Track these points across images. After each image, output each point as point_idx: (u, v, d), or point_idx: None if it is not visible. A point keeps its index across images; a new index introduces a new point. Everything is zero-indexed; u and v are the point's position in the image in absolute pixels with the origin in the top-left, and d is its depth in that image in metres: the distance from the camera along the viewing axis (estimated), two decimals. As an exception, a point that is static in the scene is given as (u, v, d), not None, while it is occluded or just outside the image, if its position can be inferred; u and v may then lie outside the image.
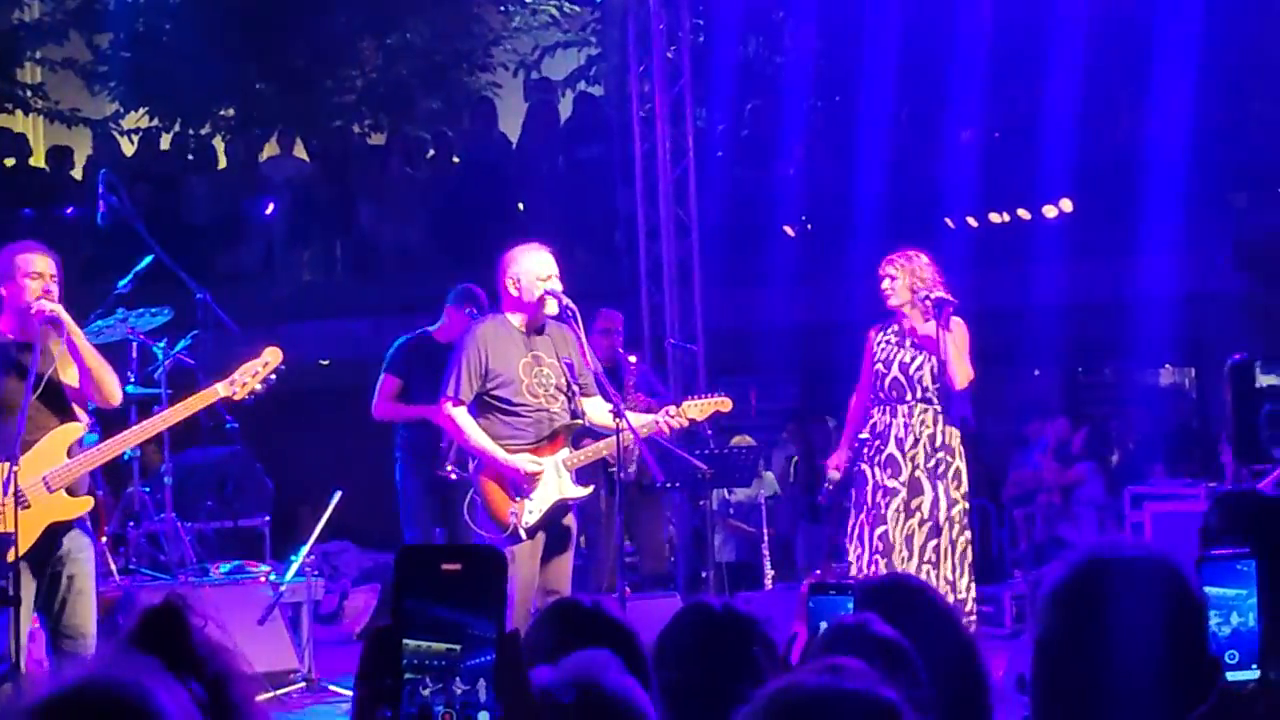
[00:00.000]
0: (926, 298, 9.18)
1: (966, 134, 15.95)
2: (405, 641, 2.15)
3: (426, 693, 2.14)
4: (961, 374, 9.25)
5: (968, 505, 9.40)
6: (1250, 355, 11.03)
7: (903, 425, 9.29)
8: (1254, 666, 2.89)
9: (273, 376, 7.59)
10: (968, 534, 9.35)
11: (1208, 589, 2.86)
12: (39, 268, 7.08)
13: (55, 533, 7.04)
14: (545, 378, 8.19)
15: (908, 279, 9.31)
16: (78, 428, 7.17)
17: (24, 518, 6.85)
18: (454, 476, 10.35)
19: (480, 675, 2.14)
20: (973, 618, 9.23)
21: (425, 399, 10.13)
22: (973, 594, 9.32)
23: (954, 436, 9.33)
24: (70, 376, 7.11)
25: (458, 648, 2.14)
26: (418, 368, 10.60)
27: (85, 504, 7.13)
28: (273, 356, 7.57)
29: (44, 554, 7.02)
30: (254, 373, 7.53)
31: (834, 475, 9.66)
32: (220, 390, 7.50)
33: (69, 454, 7.11)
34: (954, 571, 9.19)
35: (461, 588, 2.16)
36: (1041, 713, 2.85)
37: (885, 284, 9.35)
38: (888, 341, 9.42)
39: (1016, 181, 15.59)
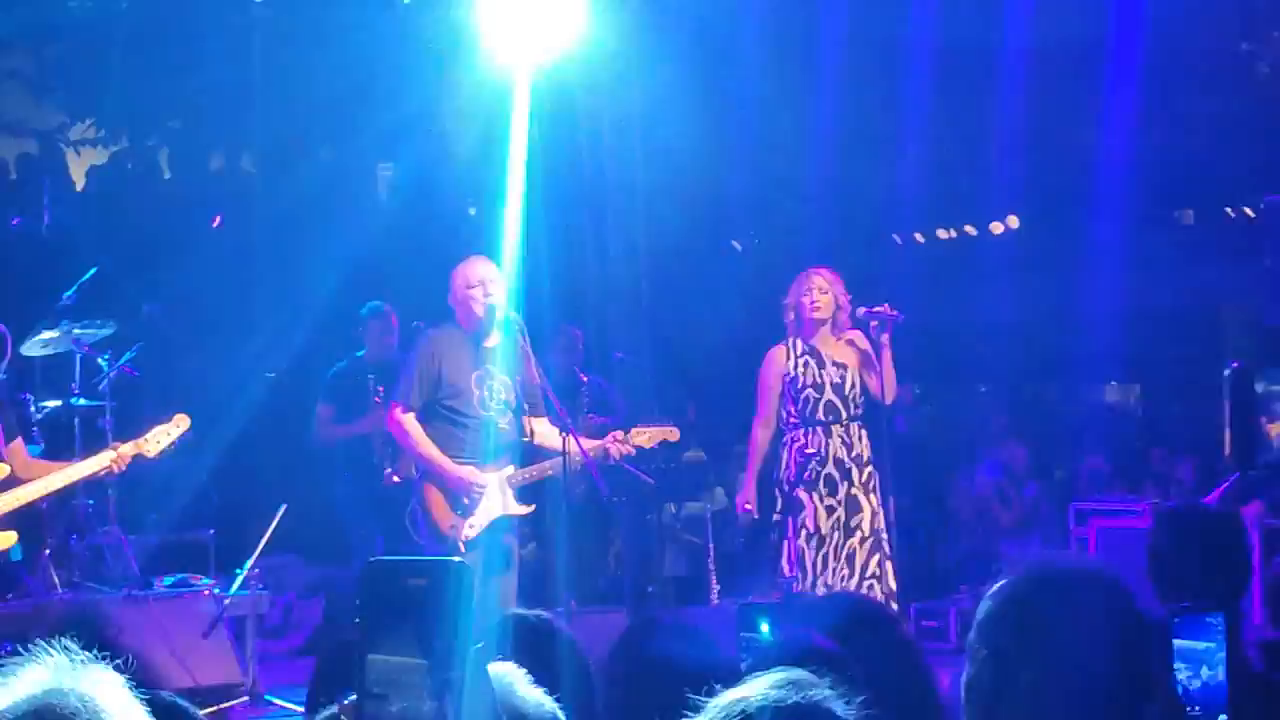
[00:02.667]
0: (869, 311, 9.14)
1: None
2: (371, 657, 2.11)
3: (394, 709, 2.10)
4: (893, 389, 9.27)
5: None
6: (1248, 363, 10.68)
7: (840, 445, 9.19)
8: (1221, 718, 2.91)
9: (178, 441, 7.80)
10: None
11: (1178, 643, 2.86)
12: None
13: None
14: (495, 392, 8.18)
15: (834, 295, 9.28)
16: (1, 468, 7.25)
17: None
18: (396, 480, 10.41)
19: (447, 689, 2.11)
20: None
21: (358, 419, 10.89)
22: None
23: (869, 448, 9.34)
24: None
25: (425, 662, 2.11)
26: (349, 392, 10.78)
27: (9, 539, 7.19)
28: (181, 422, 7.76)
29: None
30: (166, 433, 7.68)
31: (748, 512, 9.40)
32: (126, 451, 7.62)
33: None
34: (895, 580, 9.19)
35: (427, 602, 2.12)
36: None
37: (817, 296, 9.22)
38: (805, 363, 9.26)
39: (963, 198, 15.65)
